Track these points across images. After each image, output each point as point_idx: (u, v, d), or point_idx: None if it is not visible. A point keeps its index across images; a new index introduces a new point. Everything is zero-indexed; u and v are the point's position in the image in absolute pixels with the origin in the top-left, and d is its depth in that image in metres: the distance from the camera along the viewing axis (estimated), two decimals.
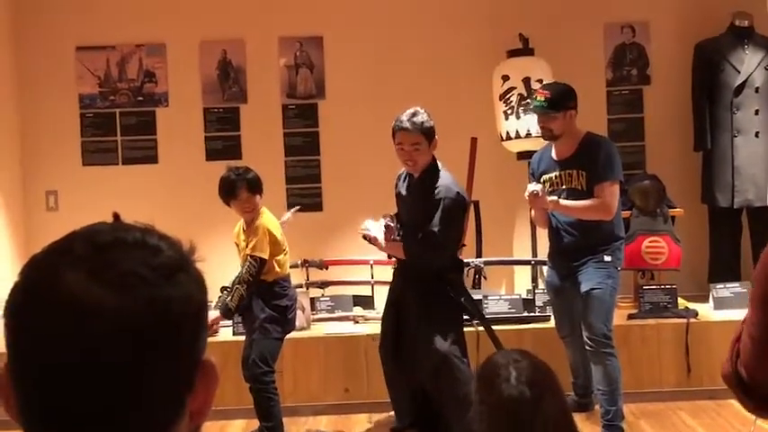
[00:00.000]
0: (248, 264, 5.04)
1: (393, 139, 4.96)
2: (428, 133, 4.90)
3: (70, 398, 0.91)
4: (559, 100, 5.12)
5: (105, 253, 0.94)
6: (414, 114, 4.90)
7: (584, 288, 5.11)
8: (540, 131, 5.36)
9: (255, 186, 5.08)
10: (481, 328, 5.57)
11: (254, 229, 5.08)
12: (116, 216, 1.02)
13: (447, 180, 4.94)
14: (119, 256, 0.94)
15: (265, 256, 5.05)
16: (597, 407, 5.24)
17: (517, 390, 2.34)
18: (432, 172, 4.96)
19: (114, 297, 0.91)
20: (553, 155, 5.25)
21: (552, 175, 5.22)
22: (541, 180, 5.23)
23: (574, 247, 5.18)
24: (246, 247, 5.07)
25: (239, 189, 5.04)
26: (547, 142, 5.42)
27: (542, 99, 5.14)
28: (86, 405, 0.91)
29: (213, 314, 5.05)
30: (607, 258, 5.15)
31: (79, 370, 0.90)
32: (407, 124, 4.87)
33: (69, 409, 0.91)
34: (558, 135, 5.14)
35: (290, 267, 6.41)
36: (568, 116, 5.13)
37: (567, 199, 5.14)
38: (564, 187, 5.18)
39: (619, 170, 5.19)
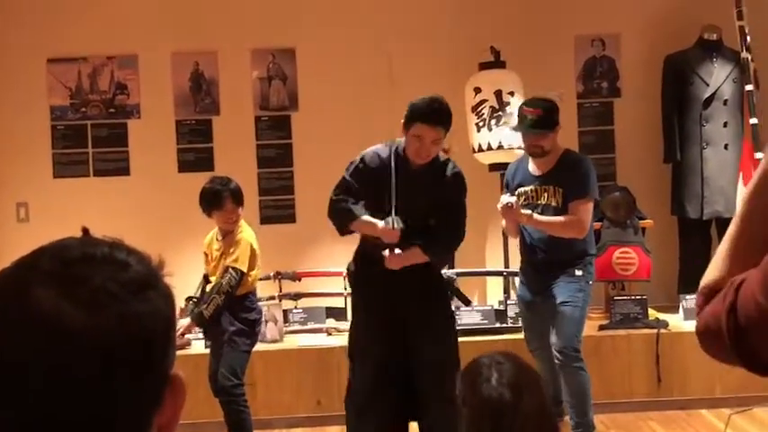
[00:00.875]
0: (229, 275, 5.01)
1: (407, 125, 4.45)
2: (450, 125, 4.48)
3: (38, 415, 0.91)
4: (550, 117, 5.09)
5: (74, 269, 0.94)
6: (439, 108, 4.43)
7: (559, 298, 5.12)
8: (526, 148, 5.24)
9: (239, 197, 5.11)
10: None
11: (237, 241, 5.07)
12: (85, 231, 1.03)
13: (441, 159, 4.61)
14: (87, 272, 0.94)
15: (246, 269, 5.05)
16: (567, 417, 5.26)
17: (497, 391, 2.36)
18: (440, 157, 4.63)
19: (84, 314, 0.91)
20: (530, 168, 5.24)
21: (528, 188, 5.20)
22: (516, 192, 5.20)
23: (546, 262, 5.20)
24: (222, 257, 5.07)
25: (225, 200, 5.03)
26: (521, 154, 5.45)
27: (533, 118, 5.08)
28: (54, 422, 0.91)
29: (184, 322, 5.05)
30: (578, 273, 5.18)
31: (48, 387, 0.90)
32: (436, 118, 4.40)
33: (37, 427, 0.91)
34: (549, 151, 5.13)
35: (263, 279, 6.43)
36: (556, 132, 5.14)
37: (543, 214, 5.13)
38: (540, 202, 5.17)
39: (595, 189, 5.24)
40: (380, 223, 4.48)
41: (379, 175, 4.57)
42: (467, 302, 6.09)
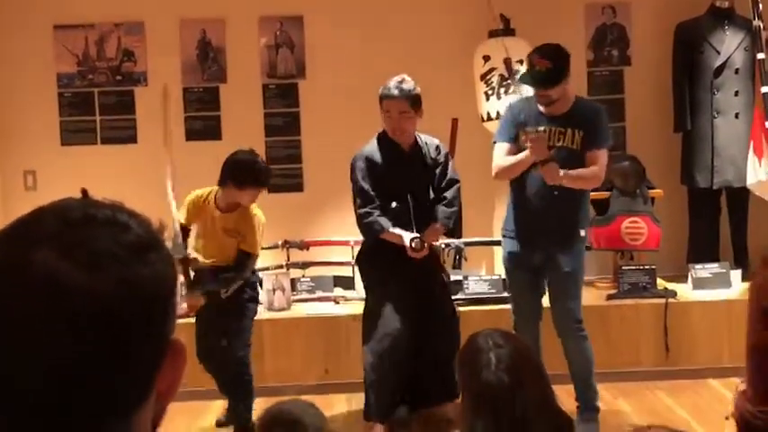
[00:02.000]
0: (251, 261, 5.06)
1: (380, 106, 4.96)
2: (415, 101, 4.91)
3: (38, 376, 0.90)
4: (560, 70, 4.92)
5: (76, 230, 0.93)
6: (401, 81, 4.91)
7: (565, 268, 5.01)
8: (534, 96, 5.06)
9: None
10: (462, 308, 5.72)
11: (249, 220, 5.02)
12: (84, 192, 1.01)
13: (428, 137, 5.17)
14: (89, 233, 0.93)
15: (258, 251, 5.14)
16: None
17: (496, 376, 2.35)
18: (421, 138, 5.10)
19: (84, 275, 0.90)
20: (541, 109, 5.03)
21: (540, 128, 4.95)
22: (526, 131, 4.94)
23: (556, 220, 4.99)
24: (227, 233, 5.02)
25: (267, 181, 5.06)
26: (526, 92, 5.35)
27: (541, 70, 4.90)
28: (54, 384, 0.90)
29: (196, 297, 5.02)
30: (582, 233, 5.09)
31: (47, 351, 0.89)
32: (395, 91, 4.88)
33: (37, 388, 0.90)
34: (557, 100, 4.97)
35: (271, 248, 6.43)
36: (567, 81, 4.98)
37: (557, 155, 4.90)
38: (557, 144, 4.96)
39: (610, 138, 5.21)
40: (405, 239, 4.93)
41: (382, 168, 5.03)
42: (446, 275, 6.08)
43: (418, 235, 4.94)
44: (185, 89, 7.23)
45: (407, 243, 4.90)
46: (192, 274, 5.02)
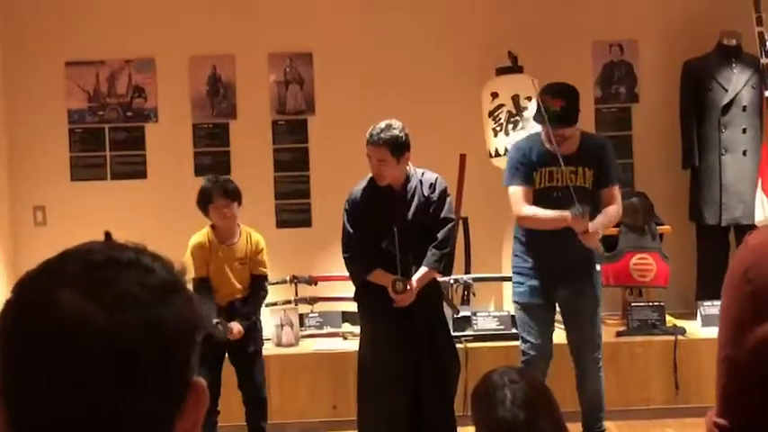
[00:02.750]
0: (265, 284, 5.32)
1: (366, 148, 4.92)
2: (396, 148, 4.80)
3: (60, 417, 0.90)
4: (573, 108, 4.97)
5: (99, 272, 0.94)
6: (384, 129, 4.83)
7: (588, 292, 5.08)
8: (546, 137, 5.04)
9: (232, 194, 5.20)
10: (470, 344, 5.70)
11: (254, 245, 5.19)
12: (107, 235, 1.02)
13: (429, 174, 5.03)
14: (113, 275, 0.94)
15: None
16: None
17: (511, 412, 2.35)
18: (417, 174, 5.00)
19: (108, 317, 0.91)
20: (548, 146, 5.04)
21: (553, 169, 5.02)
22: (537, 171, 5.03)
23: (576, 256, 5.02)
24: (242, 263, 5.17)
25: (213, 194, 5.14)
26: (528, 133, 5.37)
27: (556, 110, 4.93)
28: (76, 424, 0.90)
29: (237, 326, 5.10)
30: (598, 267, 5.16)
31: (70, 389, 0.90)
32: (375, 138, 4.82)
33: (58, 427, 0.91)
34: (569, 137, 5.04)
35: (279, 283, 6.44)
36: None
37: (568, 196, 4.95)
38: (572, 184, 4.98)
39: (620, 171, 5.35)
40: (388, 281, 4.86)
41: (369, 209, 4.96)
42: (456, 311, 6.11)
43: (400, 277, 4.85)
44: (195, 125, 7.27)
45: (389, 285, 4.85)
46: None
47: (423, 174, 5.04)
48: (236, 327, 5.06)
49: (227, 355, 5.23)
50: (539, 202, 5.08)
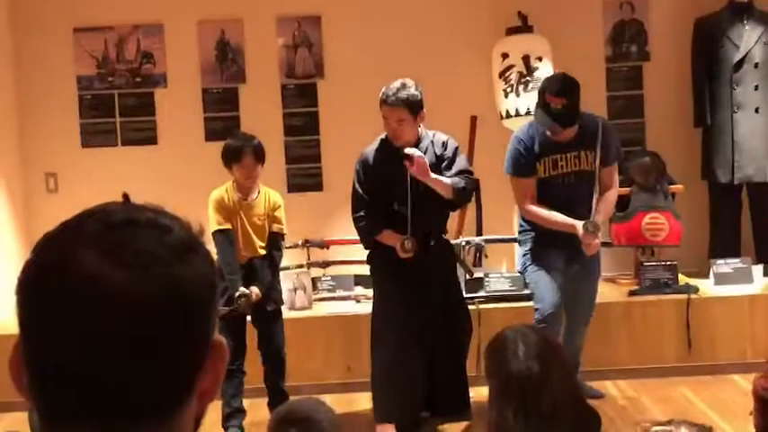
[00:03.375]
0: (283, 243, 5.37)
1: (380, 109, 4.88)
2: (413, 107, 4.80)
3: (82, 375, 0.91)
4: (575, 106, 4.97)
5: (117, 232, 0.94)
6: (400, 88, 4.80)
7: (593, 276, 5.36)
8: (547, 129, 5.04)
9: (261, 154, 5.20)
10: (482, 306, 5.74)
11: (273, 203, 5.24)
12: (125, 196, 1.03)
13: (441, 134, 5.03)
14: (131, 235, 0.94)
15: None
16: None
17: (525, 364, 2.36)
18: (428, 136, 5.00)
19: (127, 275, 0.91)
20: (549, 134, 5.08)
21: (557, 157, 5.09)
22: (541, 162, 5.09)
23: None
24: (263, 219, 5.21)
25: (245, 154, 5.12)
26: (528, 122, 5.37)
27: (558, 108, 4.92)
28: (98, 383, 0.91)
29: (255, 290, 5.12)
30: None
31: (92, 348, 0.91)
32: (392, 99, 4.78)
33: (81, 387, 0.91)
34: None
35: (292, 247, 6.45)
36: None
37: (575, 181, 5.07)
38: (575, 169, 5.09)
39: (619, 149, 5.39)
40: (398, 240, 4.85)
41: (381, 170, 4.95)
42: (470, 273, 6.12)
43: (408, 237, 4.83)
44: (204, 90, 7.26)
45: (397, 245, 4.85)
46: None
47: (434, 135, 5.03)
48: (254, 291, 5.10)
49: (248, 317, 5.27)
50: (545, 190, 5.12)
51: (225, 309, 4.89)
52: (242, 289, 5.03)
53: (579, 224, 4.95)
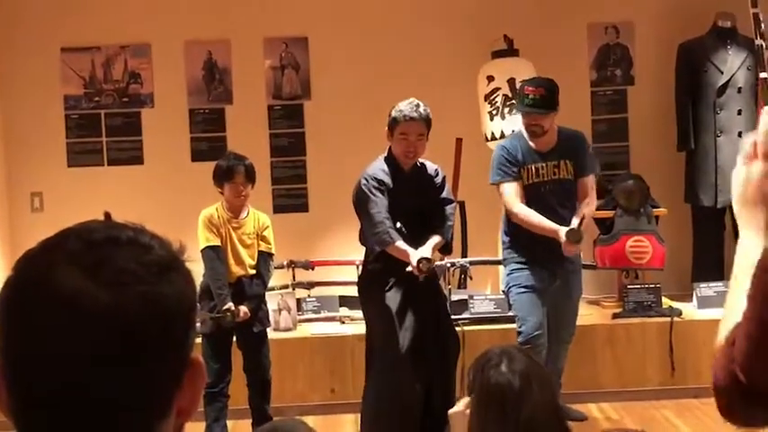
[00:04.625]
0: (272, 262, 5.40)
1: (392, 129, 4.83)
2: (429, 124, 4.88)
3: (60, 392, 0.92)
4: (553, 98, 5.13)
5: (98, 250, 0.95)
6: (417, 105, 4.84)
7: (575, 294, 5.37)
8: (526, 127, 5.21)
9: (251, 175, 5.26)
10: (467, 327, 5.73)
11: (262, 224, 5.29)
12: (107, 215, 1.04)
13: (427, 161, 5.07)
14: (112, 253, 0.95)
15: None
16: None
17: (505, 378, 2.37)
18: (428, 163, 5.07)
19: (107, 293, 0.92)
20: (533, 146, 5.22)
21: (539, 165, 5.21)
22: (525, 169, 5.19)
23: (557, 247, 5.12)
24: (252, 240, 5.24)
25: (237, 173, 5.18)
26: (512, 134, 5.47)
27: (536, 97, 5.09)
28: (76, 400, 0.92)
29: (243, 308, 5.13)
30: (581, 256, 5.43)
31: (70, 365, 0.91)
32: (414, 114, 4.79)
33: (59, 404, 0.92)
34: (547, 131, 5.16)
35: (277, 268, 6.44)
36: (556, 113, 5.17)
37: (555, 189, 5.20)
38: (555, 178, 5.22)
39: (596, 161, 5.62)
40: (413, 257, 4.74)
41: (390, 188, 4.94)
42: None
43: (428, 256, 4.76)
44: (191, 110, 7.28)
45: (414, 262, 4.73)
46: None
47: (421, 161, 5.05)
48: (242, 309, 5.11)
49: (234, 339, 5.26)
50: (529, 197, 5.21)
51: (209, 314, 4.91)
52: (230, 304, 5.04)
53: (562, 230, 5.01)
